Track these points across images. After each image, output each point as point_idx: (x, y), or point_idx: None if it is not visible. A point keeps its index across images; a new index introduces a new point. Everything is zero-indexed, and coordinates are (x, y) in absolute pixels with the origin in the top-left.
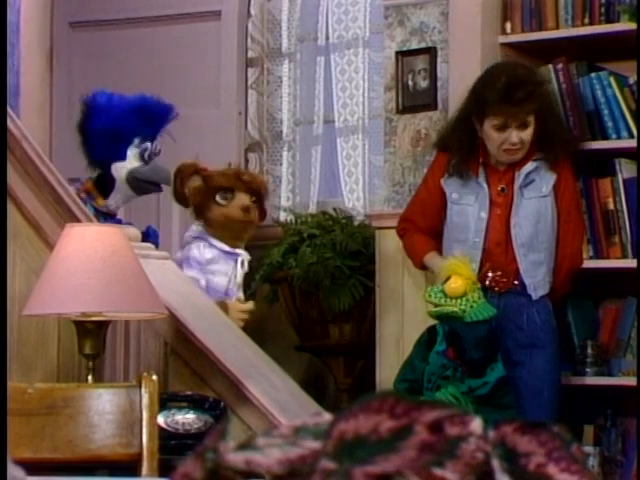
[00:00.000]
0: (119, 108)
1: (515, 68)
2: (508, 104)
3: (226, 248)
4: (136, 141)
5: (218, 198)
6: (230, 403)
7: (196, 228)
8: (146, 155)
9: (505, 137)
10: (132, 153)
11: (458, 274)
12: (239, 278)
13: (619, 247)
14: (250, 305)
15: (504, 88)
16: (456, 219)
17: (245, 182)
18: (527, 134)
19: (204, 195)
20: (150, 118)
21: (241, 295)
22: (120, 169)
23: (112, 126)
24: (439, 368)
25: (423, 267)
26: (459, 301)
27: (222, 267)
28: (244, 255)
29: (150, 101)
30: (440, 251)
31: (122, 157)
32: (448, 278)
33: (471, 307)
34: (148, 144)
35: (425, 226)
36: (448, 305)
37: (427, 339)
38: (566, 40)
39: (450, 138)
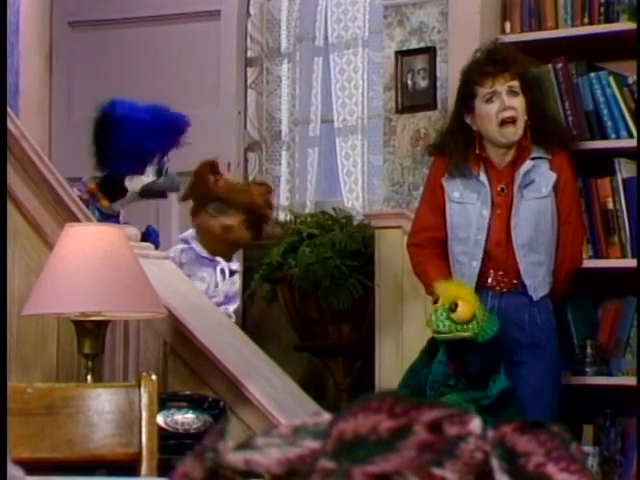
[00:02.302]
0: (141, 126)
1: (497, 40)
2: (491, 65)
3: (204, 254)
4: (156, 159)
5: (210, 208)
6: (229, 403)
7: (189, 231)
8: (164, 171)
9: (498, 106)
10: (151, 169)
11: (463, 299)
12: (220, 285)
13: (618, 247)
14: None
15: (485, 54)
16: (457, 218)
17: (243, 201)
18: (518, 102)
19: (200, 199)
20: (170, 135)
21: (230, 311)
22: (136, 182)
23: (134, 146)
24: (442, 377)
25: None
26: (470, 325)
27: (198, 272)
28: (224, 264)
29: (170, 117)
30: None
31: (139, 172)
32: (455, 305)
33: (482, 328)
34: (165, 159)
35: (436, 224)
36: (461, 331)
37: (430, 347)
38: (565, 40)
39: (445, 140)
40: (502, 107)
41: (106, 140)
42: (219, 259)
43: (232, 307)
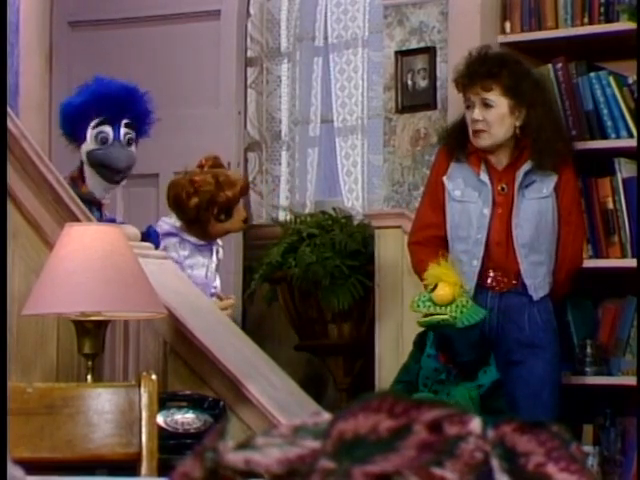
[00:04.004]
0: (85, 91)
1: (483, 49)
2: (465, 77)
3: (201, 242)
4: (92, 123)
5: (220, 217)
6: (229, 403)
7: (165, 224)
8: (100, 138)
9: (470, 115)
10: (89, 135)
11: (444, 281)
12: (213, 267)
13: (618, 247)
14: (231, 301)
15: (463, 64)
16: (457, 217)
17: (242, 193)
18: (490, 114)
19: (203, 211)
20: (108, 101)
21: (218, 284)
22: (83, 151)
23: (73, 106)
24: (432, 372)
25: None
26: (449, 308)
27: (199, 259)
28: (219, 244)
29: (113, 85)
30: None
31: (80, 137)
32: (435, 286)
33: (461, 312)
34: (106, 128)
35: (437, 221)
36: (438, 313)
37: (419, 341)
38: (565, 40)
39: (450, 128)
40: (471, 119)
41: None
42: (207, 241)
43: (218, 282)
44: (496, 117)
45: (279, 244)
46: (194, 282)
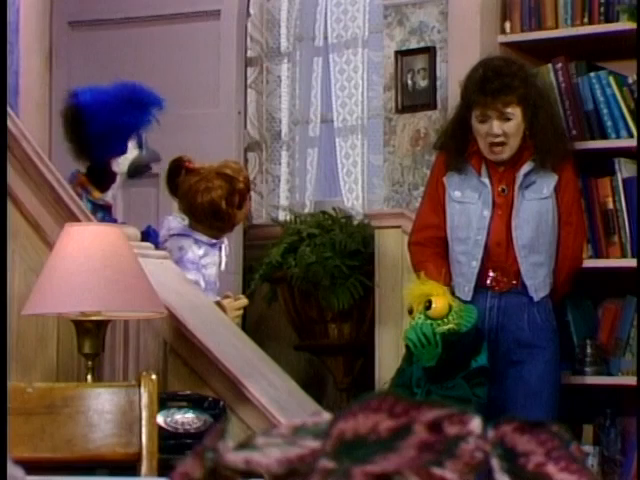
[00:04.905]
0: (110, 105)
1: (494, 60)
2: (484, 95)
3: (213, 241)
4: (134, 134)
5: (242, 204)
6: (229, 402)
7: (173, 223)
8: (143, 143)
9: (487, 129)
10: (132, 144)
11: (435, 295)
12: (223, 265)
13: (618, 247)
14: (245, 301)
15: (480, 80)
16: (457, 218)
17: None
18: (510, 126)
19: (230, 207)
20: (141, 106)
21: (216, 281)
22: (122, 162)
23: (111, 126)
24: (424, 372)
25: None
26: (450, 317)
27: (212, 258)
28: (225, 241)
29: (136, 89)
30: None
31: (123, 151)
32: (428, 302)
33: (461, 317)
34: (142, 132)
35: (437, 222)
36: (443, 325)
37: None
38: (565, 39)
39: (445, 136)
40: (490, 132)
41: (79, 131)
42: (222, 238)
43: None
44: (514, 128)
45: (279, 244)
46: (208, 281)
